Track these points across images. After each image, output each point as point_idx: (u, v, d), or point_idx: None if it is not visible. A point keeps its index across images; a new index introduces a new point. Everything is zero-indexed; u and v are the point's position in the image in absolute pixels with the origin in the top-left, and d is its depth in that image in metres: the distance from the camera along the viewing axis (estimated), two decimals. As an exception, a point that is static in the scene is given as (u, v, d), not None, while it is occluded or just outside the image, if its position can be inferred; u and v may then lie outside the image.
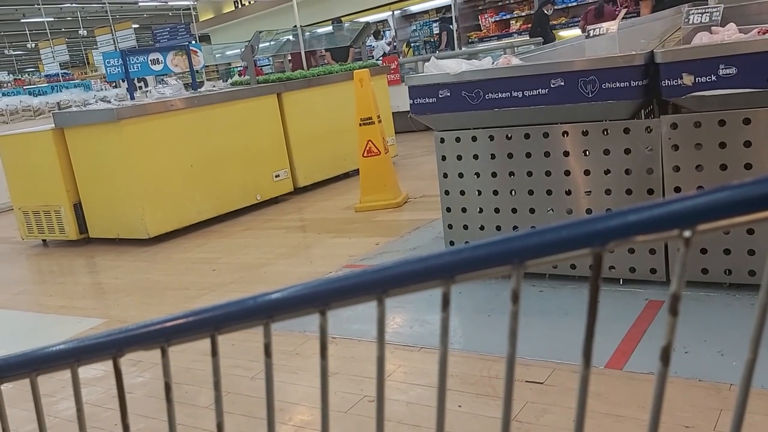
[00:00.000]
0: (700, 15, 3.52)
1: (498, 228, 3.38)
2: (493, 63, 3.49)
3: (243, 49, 7.48)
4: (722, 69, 2.67)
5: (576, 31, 10.00)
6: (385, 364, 0.74)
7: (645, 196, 2.97)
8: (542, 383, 2.34)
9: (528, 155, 3.21)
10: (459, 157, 3.40)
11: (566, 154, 3.13)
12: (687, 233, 0.55)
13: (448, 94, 3.32)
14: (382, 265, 0.69)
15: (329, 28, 9.51)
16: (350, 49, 9.82)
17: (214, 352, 0.83)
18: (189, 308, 0.85)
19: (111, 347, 0.87)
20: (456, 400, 2.30)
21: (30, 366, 0.94)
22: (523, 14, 12.48)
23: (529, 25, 11.55)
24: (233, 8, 17.93)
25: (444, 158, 3.46)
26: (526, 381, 2.36)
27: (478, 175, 3.37)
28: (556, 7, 11.53)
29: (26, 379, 0.97)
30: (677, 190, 2.90)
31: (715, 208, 0.53)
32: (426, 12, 13.93)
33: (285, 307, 0.74)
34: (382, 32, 13.65)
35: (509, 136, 3.25)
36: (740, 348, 2.37)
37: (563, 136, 3.12)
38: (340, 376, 2.61)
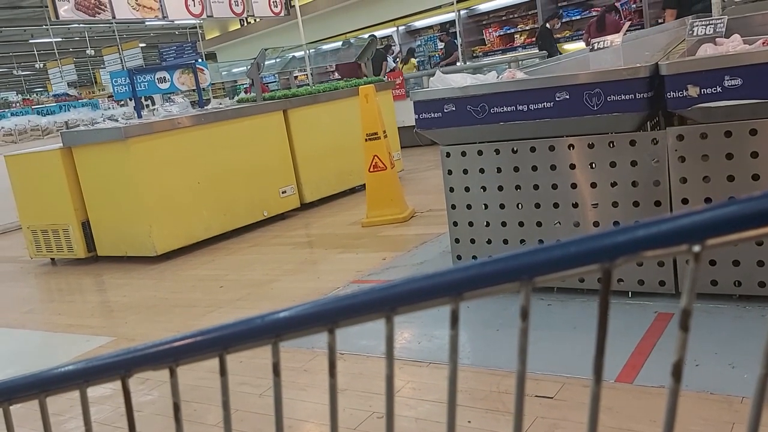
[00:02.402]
0: (704, 27, 3.52)
1: (505, 242, 3.37)
2: (497, 77, 3.50)
3: (249, 67, 7.53)
4: (727, 80, 2.67)
5: (581, 44, 10.03)
6: (394, 381, 0.74)
7: (652, 208, 2.97)
8: (552, 398, 2.32)
9: (534, 168, 3.21)
10: (465, 171, 3.41)
11: (572, 167, 3.12)
12: (696, 248, 0.54)
13: (453, 108, 3.33)
14: (389, 283, 0.69)
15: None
16: (383, 63, 11.08)
17: (223, 372, 0.83)
18: (197, 326, 0.85)
19: (119, 368, 0.87)
20: (465, 415, 2.29)
21: (38, 387, 0.94)
22: (527, 28, 12.53)
23: (533, 39, 11.61)
24: (239, 26, 18.08)
25: (450, 172, 3.46)
26: (536, 396, 2.34)
27: (484, 188, 3.37)
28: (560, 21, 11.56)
29: (35, 400, 0.97)
30: (684, 201, 2.89)
31: (724, 222, 0.53)
32: (430, 27, 14.02)
33: (293, 326, 0.74)
34: (392, 48, 13.75)
35: (515, 149, 3.25)
36: (751, 360, 2.35)
37: (569, 149, 3.12)
38: (349, 393, 2.59)
